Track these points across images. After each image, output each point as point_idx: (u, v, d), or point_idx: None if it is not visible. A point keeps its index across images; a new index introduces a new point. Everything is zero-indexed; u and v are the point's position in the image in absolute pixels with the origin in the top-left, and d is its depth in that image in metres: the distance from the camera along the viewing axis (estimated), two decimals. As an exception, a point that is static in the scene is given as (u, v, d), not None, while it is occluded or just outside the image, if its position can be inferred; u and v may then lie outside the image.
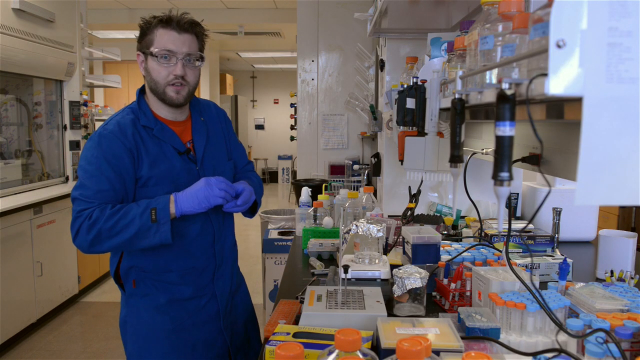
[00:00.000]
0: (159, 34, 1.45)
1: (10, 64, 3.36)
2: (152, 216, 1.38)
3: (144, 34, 1.48)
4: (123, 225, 1.38)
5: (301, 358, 0.76)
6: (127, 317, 1.59)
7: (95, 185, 1.42)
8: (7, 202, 3.34)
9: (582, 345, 1.01)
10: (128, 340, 1.60)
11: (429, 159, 1.64)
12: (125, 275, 1.56)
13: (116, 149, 1.44)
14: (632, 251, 1.67)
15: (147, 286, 1.55)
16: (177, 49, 1.45)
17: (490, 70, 0.99)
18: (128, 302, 1.59)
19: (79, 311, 4.15)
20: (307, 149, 4.35)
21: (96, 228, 1.38)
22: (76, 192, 1.43)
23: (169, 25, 1.45)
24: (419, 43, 2.58)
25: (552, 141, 1.14)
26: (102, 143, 1.44)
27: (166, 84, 1.47)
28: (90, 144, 1.47)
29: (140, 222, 1.38)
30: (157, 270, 1.54)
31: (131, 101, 1.60)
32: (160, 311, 1.55)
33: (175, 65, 1.46)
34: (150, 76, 1.48)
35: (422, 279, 1.31)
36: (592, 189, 0.70)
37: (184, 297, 1.57)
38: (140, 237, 1.39)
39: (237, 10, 6.87)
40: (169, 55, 1.45)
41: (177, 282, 1.56)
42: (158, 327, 1.55)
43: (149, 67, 1.48)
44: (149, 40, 1.47)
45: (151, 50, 1.46)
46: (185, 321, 1.57)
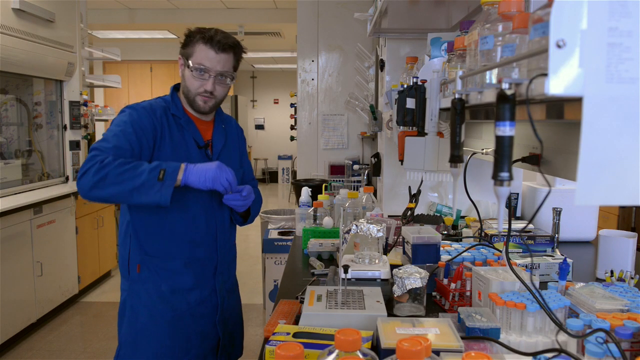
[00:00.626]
0: (199, 48, 1.56)
1: (10, 64, 3.36)
2: (160, 175, 1.42)
3: (187, 44, 1.59)
4: (130, 175, 1.41)
5: (301, 358, 0.76)
6: (127, 301, 1.63)
7: (115, 141, 1.48)
8: (7, 202, 3.34)
9: (582, 345, 1.01)
10: (124, 324, 1.63)
11: (429, 159, 1.64)
12: (132, 261, 1.61)
13: (144, 121, 1.54)
14: (632, 251, 1.67)
15: (151, 273, 1.60)
16: (212, 66, 1.56)
17: (490, 70, 0.99)
18: (131, 287, 1.62)
19: (79, 311, 4.15)
20: (307, 149, 4.35)
21: (104, 171, 1.40)
22: (95, 144, 1.49)
23: (209, 43, 1.55)
24: (419, 43, 2.58)
25: (552, 141, 1.14)
26: (132, 114, 1.55)
27: (196, 94, 1.59)
28: (120, 114, 1.57)
29: (147, 177, 1.41)
30: (162, 256, 1.59)
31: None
32: (163, 299, 1.59)
33: (207, 81, 1.57)
34: (184, 82, 1.61)
35: (422, 279, 1.31)
36: (592, 189, 0.70)
37: (186, 287, 1.62)
38: (142, 190, 1.42)
39: (237, 10, 6.87)
40: (203, 71, 1.56)
41: (180, 271, 1.61)
42: (158, 314, 1.59)
43: (185, 75, 1.60)
44: (189, 51, 1.58)
45: (189, 62, 1.57)
46: (185, 312, 1.61)
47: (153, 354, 1.59)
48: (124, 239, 1.63)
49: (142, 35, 8.07)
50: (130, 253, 1.61)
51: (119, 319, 1.67)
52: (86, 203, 4.41)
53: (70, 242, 4.14)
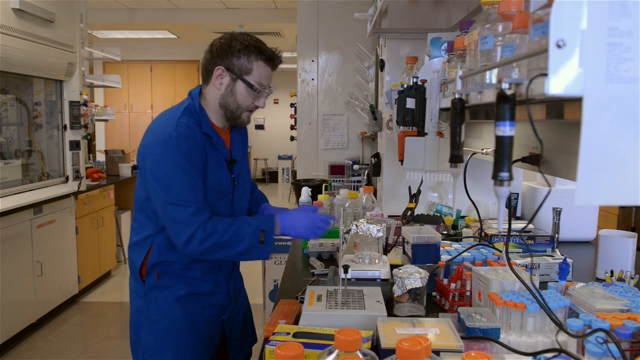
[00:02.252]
0: (259, 67, 1.49)
1: (10, 64, 3.36)
2: (261, 238, 1.46)
3: (238, 56, 1.48)
4: (235, 240, 1.45)
5: (301, 358, 0.76)
6: (144, 308, 1.60)
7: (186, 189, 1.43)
8: (7, 202, 3.34)
9: (582, 345, 1.01)
10: (143, 330, 1.61)
11: (429, 159, 1.64)
12: (151, 269, 1.58)
13: (194, 153, 1.45)
14: (632, 251, 1.67)
15: (170, 279, 1.58)
16: (268, 84, 1.54)
17: (490, 70, 0.99)
18: (147, 294, 1.59)
19: (79, 311, 4.15)
20: (307, 149, 4.35)
21: (212, 241, 1.42)
22: (167, 197, 1.43)
23: (270, 62, 1.51)
24: (419, 43, 2.58)
25: (552, 141, 1.14)
26: (182, 147, 1.42)
27: (246, 109, 1.54)
28: (166, 148, 1.43)
29: (251, 241, 1.46)
30: (182, 266, 1.57)
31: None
32: (180, 303, 1.58)
33: (262, 98, 1.54)
34: (233, 98, 1.51)
35: (422, 279, 1.31)
36: (592, 189, 0.70)
37: (203, 292, 1.61)
38: (246, 253, 1.47)
39: (237, 10, 6.87)
40: (263, 89, 1.52)
41: (199, 278, 1.59)
42: (177, 318, 1.58)
43: (236, 91, 1.51)
44: (244, 67, 1.48)
45: (247, 79, 1.49)
46: (199, 314, 1.61)
47: (177, 355, 1.59)
48: (141, 246, 1.57)
49: (142, 35, 8.07)
50: (148, 260, 1.57)
51: (134, 327, 1.64)
52: (86, 203, 4.42)
53: (70, 242, 4.14)
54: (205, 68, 1.53)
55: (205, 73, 1.53)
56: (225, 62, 1.48)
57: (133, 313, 1.65)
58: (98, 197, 4.66)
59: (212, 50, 1.51)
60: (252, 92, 1.50)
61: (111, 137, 8.87)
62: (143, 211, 1.56)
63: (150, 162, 1.46)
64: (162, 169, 1.43)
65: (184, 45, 8.75)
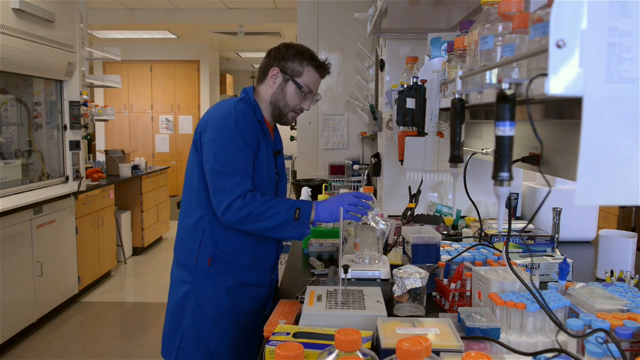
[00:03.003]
0: (309, 72, 1.66)
1: (10, 64, 3.36)
2: (296, 214, 1.54)
3: (292, 60, 1.65)
4: (270, 214, 1.52)
5: (301, 358, 0.76)
6: (192, 294, 1.64)
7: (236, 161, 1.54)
8: (7, 202, 3.34)
9: (582, 345, 1.01)
10: (187, 316, 1.65)
11: (429, 159, 1.64)
12: (203, 254, 1.63)
13: (251, 133, 1.59)
14: (632, 251, 1.67)
15: (221, 266, 1.63)
16: (316, 90, 1.71)
17: (490, 70, 0.99)
18: (196, 280, 1.64)
19: (79, 311, 4.15)
20: (307, 149, 4.35)
21: (248, 209, 1.51)
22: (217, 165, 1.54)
23: (320, 70, 1.68)
24: (419, 43, 2.58)
25: (552, 141, 1.14)
26: (240, 124, 1.57)
27: (293, 109, 1.69)
28: (225, 121, 1.57)
29: (285, 216, 1.53)
30: (233, 252, 1.63)
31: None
32: (229, 293, 1.64)
33: (308, 102, 1.69)
34: (283, 96, 1.67)
35: (422, 279, 1.31)
36: (592, 189, 0.70)
37: (249, 283, 1.67)
38: (280, 228, 1.54)
39: (237, 10, 6.87)
40: (309, 92, 1.68)
41: (246, 267, 1.65)
42: (224, 307, 1.64)
43: (287, 90, 1.66)
44: (296, 70, 1.65)
45: (297, 81, 1.65)
46: (243, 306, 1.66)
47: (215, 346, 1.63)
48: (194, 232, 1.63)
49: (142, 35, 8.07)
50: (200, 246, 1.63)
51: (176, 311, 1.67)
52: (86, 203, 4.42)
53: (70, 242, 4.14)
54: (262, 70, 1.70)
55: (261, 74, 1.70)
56: (281, 64, 1.66)
57: (176, 301, 1.67)
58: (98, 197, 4.66)
59: (269, 54, 1.69)
60: (300, 93, 1.66)
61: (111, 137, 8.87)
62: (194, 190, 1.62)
63: (209, 133, 1.57)
64: (217, 139, 1.56)
65: (184, 45, 8.75)
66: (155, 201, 6.15)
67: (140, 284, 4.98)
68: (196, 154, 1.61)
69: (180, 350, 1.65)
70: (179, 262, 1.69)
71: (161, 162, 8.32)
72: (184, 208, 1.68)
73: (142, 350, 3.42)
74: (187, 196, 1.66)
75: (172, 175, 8.34)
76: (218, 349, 1.63)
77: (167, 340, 1.69)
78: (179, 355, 1.65)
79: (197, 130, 1.62)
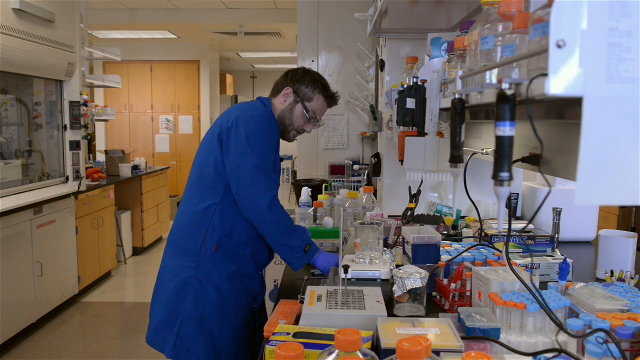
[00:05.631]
0: (319, 99, 1.80)
1: (10, 64, 3.36)
2: (306, 248, 1.67)
3: (306, 85, 1.79)
4: (292, 234, 1.67)
5: (301, 358, 0.76)
6: (192, 279, 1.66)
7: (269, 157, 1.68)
8: (7, 202, 3.34)
9: (582, 345, 1.01)
10: (187, 301, 1.66)
11: (429, 159, 1.64)
12: (210, 238, 1.67)
13: (275, 129, 1.73)
14: (632, 251, 1.67)
15: (224, 254, 1.68)
16: (320, 117, 1.84)
17: (490, 70, 0.99)
18: (199, 265, 1.67)
19: (79, 311, 4.15)
20: (307, 149, 4.35)
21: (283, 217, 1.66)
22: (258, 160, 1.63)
23: (328, 100, 1.83)
24: (419, 43, 2.58)
25: (552, 141, 1.14)
26: (270, 121, 1.72)
27: (296, 129, 1.82)
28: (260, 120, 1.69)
29: (298, 244, 1.66)
30: (238, 242, 1.70)
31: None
32: (230, 279, 1.69)
33: (311, 126, 1.82)
34: (290, 115, 1.79)
35: (422, 279, 1.31)
36: (592, 189, 0.70)
37: (246, 273, 1.74)
38: (288, 250, 1.66)
39: (237, 10, 6.87)
40: (314, 118, 1.81)
41: (247, 259, 1.73)
42: (226, 292, 1.68)
43: (295, 111, 1.79)
44: (307, 94, 1.79)
45: (306, 105, 1.79)
46: (242, 294, 1.73)
47: (219, 332, 1.66)
48: (203, 217, 1.67)
49: (142, 35, 8.07)
50: (208, 231, 1.66)
51: (175, 295, 1.67)
52: (86, 203, 4.42)
53: (70, 242, 4.14)
54: (277, 86, 1.83)
55: (276, 89, 1.83)
56: (295, 86, 1.79)
57: (174, 287, 1.68)
58: (98, 197, 4.66)
59: (287, 74, 1.82)
60: (305, 116, 1.79)
61: (111, 137, 8.87)
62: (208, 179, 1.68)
63: (243, 129, 1.65)
64: (255, 136, 1.65)
65: (184, 45, 8.75)
66: (155, 201, 6.15)
67: (140, 284, 4.98)
68: (218, 145, 1.66)
69: (179, 336, 1.64)
70: (178, 247, 1.70)
71: (161, 162, 8.32)
72: (192, 194, 1.72)
73: (142, 350, 3.42)
74: (198, 184, 1.71)
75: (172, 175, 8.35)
76: (220, 335, 1.65)
77: (160, 328, 1.68)
78: (178, 341, 1.64)
79: (221, 124, 1.69)
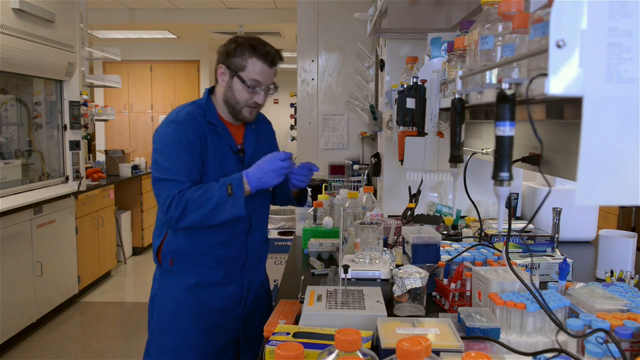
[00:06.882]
0: (252, 62, 1.58)
1: (10, 64, 3.36)
2: (229, 190, 1.51)
3: (234, 54, 1.59)
4: (205, 198, 1.51)
5: (301, 358, 0.76)
6: (158, 291, 1.71)
7: (174, 165, 1.55)
8: (7, 202, 3.34)
9: (582, 345, 1.01)
10: (154, 313, 1.72)
11: (429, 159, 1.64)
12: (165, 254, 1.67)
13: (190, 136, 1.57)
14: (632, 251, 1.67)
15: (182, 266, 1.66)
16: (265, 81, 1.61)
17: (490, 70, 0.99)
18: (162, 276, 1.70)
19: (79, 311, 4.15)
20: (307, 149, 4.35)
21: (184, 200, 1.51)
22: (160, 174, 1.55)
23: (263, 58, 1.59)
24: (419, 43, 2.58)
25: (552, 141, 1.14)
26: (178, 130, 1.57)
27: (245, 105, 1.63)
28: (164, 129, 1.59)
29: (219, 196, 1.51)
30: (195, 253, 1.65)
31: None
32: (189, 291, 1.66)
33: (259, 94, 1.62)
34: (232, 94, 1.63)
35: (422, 279, 1.31)
36: (592, 189, 0.70)
37: (215, 282, 1.68)
38: (218, 209, 1.51)
39: (237, 10, 6.86)
40: (257, 85, 1.60)
41: (211, 267, 1.67)
42: (185, 305, 1.67)
43: (234, 87, 1.62)
44: (239, 64, 1.59)
45: (241, 75, 1.59)
46: (209, 304, 1.68)
47: (177, 341, 1.67)
48: (160, 231, 1.68)
49: (142, 35, 8.07)
50: (163, 245, 1.67)
51: (150, 308, 1.75)
52: (86, 203, 4.42)
53: (70, 242, 4.14)
54: (215, 69, 1.66)
55: (215, 73, 1.67)
56: (226, 61, 1.61)
57: (150, 296, 1.75)
58: (98, 197, 4.66)
59: (217, 52, 1.65)
60: (246, 88, 1.59)
61: (111, 137, 8.86)
62: None
63: (153, 142, 1.61)
64: (158, 147, 1.58)
65: (184, 45, 8.74)
66: (155, 201, 6.14)
67: (140, 284, 4.98)
68: None
69: (150, 344, 1.74)
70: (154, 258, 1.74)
71: (161, 162, 8.29)
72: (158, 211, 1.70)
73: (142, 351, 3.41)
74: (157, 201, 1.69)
75: (172, 175, 8.32)
76: (181, 345, 1.67)
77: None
78: (149, 349, 1.74)
79: None
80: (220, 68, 1.62)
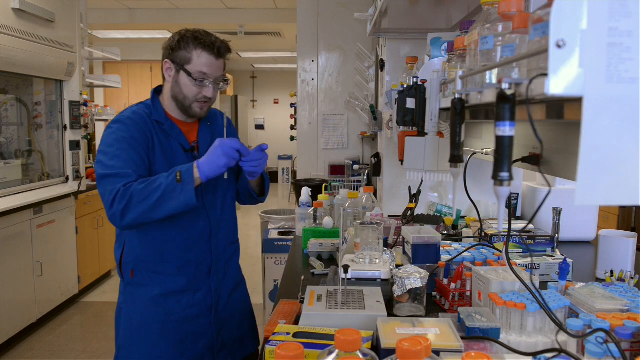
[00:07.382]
0: (197, 54, 1.52)
1: (10, 64, 3.36)
2: (177, 177, 1.43)
3: (178, 48, 1.54)
4: (152, 187, 1.43)
5: (301, 358, 0.76)
6: (123, 305, 1.65)
7: (118, 162, 1.48)
8: (7, 202, 3.34)
9: (582, 345, 1.01)
10: (121, 327, 1.66)
11: (429, 159, 1.64)
12: (125, 265, 1.62)
13: (134, 134, 1.52)
14: (632, 251, 1.67)
15: (144, 277, 1.61)
16: (212, 73, 1.55)
17: (490, 70, 0.99)
18: (125, 289, 1.65)
19: (79, 311, 4.15)
20: (307, 149, 4.35)
21: (128, 193, 1.42)
22: (103, 171, 1.48)
23: (209, 49, 1.52)
24: (419, 43, 2.58)
25: (552, 141, 1.14)
26: (122, 129, 1.52)
27: (194, 100, 1.57)
28: (108, 130, 1.54)
29: (167, 183, 1.43)
30: (155, 261, 1.59)
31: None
32: (154, 302, 1.60)
33: (207, 88, 1.56)
34: (179, 89, 1.56)
35: (422, 279, 1.31)
36: (592, 189, 0.70)
37: (179, 289, 1.61)
38: (166, 198, 1.42)
39: (237, 10, 6.86)
40: (204, 78, 1.54)
41: (173, 274, 1.60)
42: (150, 317, 1.60)
43: (180, 82, 1.55)
44: (183, 57, 1.53)
45: (187, 69, 1.53)
46: (178, 314, 1.61)
47: (145, 357, 1.60)
48: (119, 243, 1.64)
49: (142, 35, 8.07)
50: (123, 257, 1.62)
51: (116, 322, 1.69)
52: (86, 203, 4.42)
53: (70, 242, 4.14)
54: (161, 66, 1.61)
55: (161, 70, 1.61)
56: (171, 56, 1.56)
57: (116, 311, 1.69)
58: (98, 197, 4.64)
59: (162, 47, 1.59)
60: (194, 81, 1.53)
61: (111, 137, 8.86)
62: None
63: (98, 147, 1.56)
64: (101, 148, 1.52)
65: (184, 45, 8.75)
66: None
67: (140, 284, 4.98)
68: None
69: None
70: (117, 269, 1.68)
71: (161, 162, 8.29)
72: None
73: (142, 350, 3.42)
74: None
75: (172, 175, 8.32)
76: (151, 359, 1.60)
77: None
78: None
79: None
80: (166, 63, 1.56)
